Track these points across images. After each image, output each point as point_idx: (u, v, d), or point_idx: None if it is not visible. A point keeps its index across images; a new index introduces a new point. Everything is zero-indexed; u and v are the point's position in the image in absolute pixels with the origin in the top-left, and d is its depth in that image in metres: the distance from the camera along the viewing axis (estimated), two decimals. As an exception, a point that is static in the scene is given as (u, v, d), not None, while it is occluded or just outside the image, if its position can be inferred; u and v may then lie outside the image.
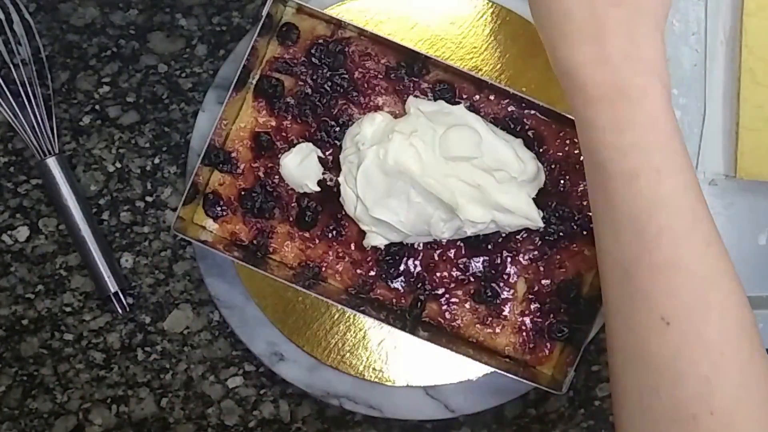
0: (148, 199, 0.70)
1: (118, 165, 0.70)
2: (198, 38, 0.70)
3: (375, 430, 0.69)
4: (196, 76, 0.70)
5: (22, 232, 0.69)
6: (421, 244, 0.64)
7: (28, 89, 0.67)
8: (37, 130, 0.67)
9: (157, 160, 0.70)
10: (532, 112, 0.64)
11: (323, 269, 0.65)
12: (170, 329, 0.70)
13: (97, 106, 0.70)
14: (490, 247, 0.64)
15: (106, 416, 0.69)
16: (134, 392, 0.69)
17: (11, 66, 0.67)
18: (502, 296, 0.64)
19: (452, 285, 0.64)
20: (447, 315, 0.65)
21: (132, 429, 0.69)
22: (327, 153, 0.64)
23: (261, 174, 0.65)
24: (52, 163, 0.67)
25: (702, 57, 0.69)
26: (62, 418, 0.69)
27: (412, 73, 0.64)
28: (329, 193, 0.64)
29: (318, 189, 0.64)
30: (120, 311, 0.69)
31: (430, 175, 0.59)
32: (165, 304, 0.69)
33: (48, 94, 0.69)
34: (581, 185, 0.64)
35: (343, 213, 0.64)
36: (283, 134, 0.65)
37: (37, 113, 0.67)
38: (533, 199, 0.62)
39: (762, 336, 0.68)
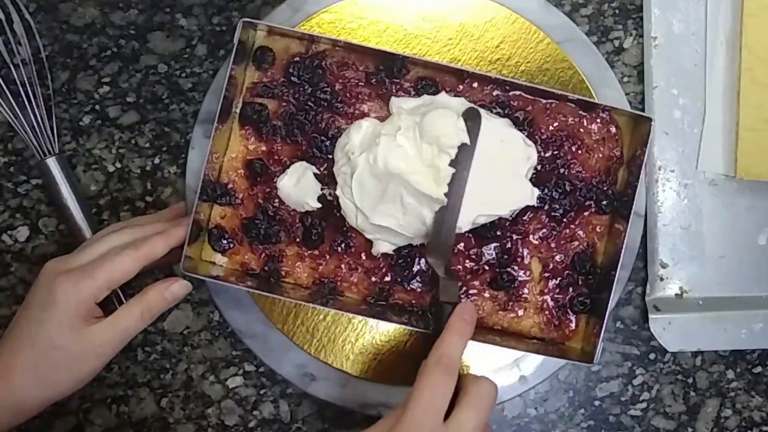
0: (148, 199, 0.70)
1: (118, 165, 0.70)
2: (198, 38, 0.70)
3: (375, 430, 0.69)
4: (196, 76, 0.70)
5: (22, 232, 0.69)
6: (430, 242, 0.64)
7: (28, 89, 0.67)
8: (37, 130, 0.67)
9: (157, 160, 0.70)
10: (517, 92, 0.64)
11: (338, 283, 0.64)
12: (170, 329, 0.69)
13: (97, 106, 0.70)
14: (498, 233, 0.64)
15: (106, 416, 0.69)
16: (134, 392, 0.69)
17: (11, 66, 0.67)
18: (519, 279, 0.64)
19: (468, 276, 0.64)
20: None
21: (132, 429, 0.69)
22: (322, 168, 0.64)
23: (260, 200, 0.64)
24: (52, 163, 0.67)
25: (702, 57, 0.69)
26: (62, 418, 0.69)
27: (392, 75, 0.63)
28: (330, 207, 0.64)
29: (319, 205, 0.63)
30: (120, 311, 0.68)
31: (418, 171, 0.59)
32: (165, 304, 0.69)
33: (48, 94, 0.69)
34: (578, 156, 0.64)
35: (348, 225, 0.63)
36: (276, 157, 0.64)
37: (37, 113, 0.67)
38: (531, 179, 0.62)
39: (762, 336, 0.68)
